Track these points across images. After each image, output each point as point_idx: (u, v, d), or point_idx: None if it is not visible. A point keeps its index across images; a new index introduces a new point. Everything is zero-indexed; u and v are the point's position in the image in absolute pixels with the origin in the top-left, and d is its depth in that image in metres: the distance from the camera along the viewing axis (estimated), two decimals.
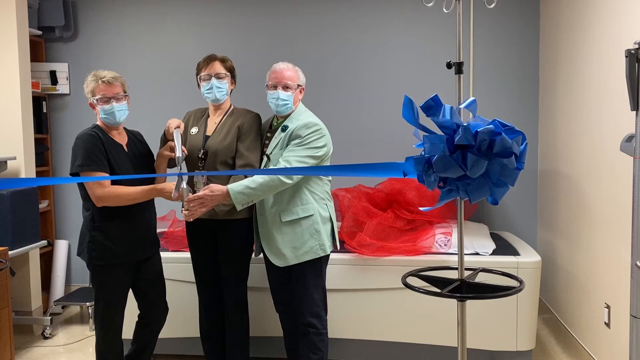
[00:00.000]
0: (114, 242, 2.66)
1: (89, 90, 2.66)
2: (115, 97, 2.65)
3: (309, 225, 2.78)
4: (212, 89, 2.85)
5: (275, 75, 2.80)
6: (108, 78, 2.65)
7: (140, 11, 4.65)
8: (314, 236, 2.79)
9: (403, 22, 4.42)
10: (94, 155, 2.59)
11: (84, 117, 4.59)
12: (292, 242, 2.77)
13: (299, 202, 2.77)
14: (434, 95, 2.03)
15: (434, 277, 2.38)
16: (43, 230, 4.49)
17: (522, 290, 2.23)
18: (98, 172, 2.58)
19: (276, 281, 2.96)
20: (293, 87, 2.79)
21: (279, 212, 2.77)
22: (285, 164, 2.65)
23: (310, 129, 2.73)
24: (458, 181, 2.10)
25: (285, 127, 2.79)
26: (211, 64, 2.86)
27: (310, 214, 2.79)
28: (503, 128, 2.03)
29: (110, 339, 2.75)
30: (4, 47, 4.06)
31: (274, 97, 2.78)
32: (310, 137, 2.72)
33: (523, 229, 4.41)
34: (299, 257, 2.77)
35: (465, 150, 2.03)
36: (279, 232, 2.77)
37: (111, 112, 2.65)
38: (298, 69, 2.85)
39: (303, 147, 2.70)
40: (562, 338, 3.74)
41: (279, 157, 2.73)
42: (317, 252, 2.80)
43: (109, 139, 2.69)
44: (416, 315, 3.31)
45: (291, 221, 2.77)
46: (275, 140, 2.81)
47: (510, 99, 4.37)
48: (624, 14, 2.80)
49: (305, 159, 2.69)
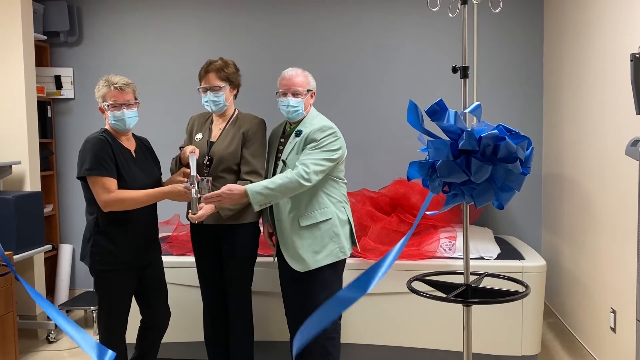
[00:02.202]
0: (117, 246, 2.66)
1: (100, 95, 2.66)
2: (126, 103, 2.66)
3: (328, 228, 2.78)
4: (209, 102, 2.87)
5: (284, 82, 2.80)
6: (120, 84, 2.65)
7: (144, 16, 4.67)
8: (333, 239, 2.78)
9: (408, 27, 4.42)
10: (103, 159, 2.58)
11: (88, 122, 4.60)
12: (312, 247, 2.76)
13: (316, 206, 2.77)
14: (438, 100, 2.03)
15: (439, 282, 2.37)
16: (48, 234, 4.50)
17: (528, 295, 2.22)
18: (106, 177, 2.58)
19: (290, 286, 2.93)
20: (303, 93, 2.78)
21: (298, 217, 2.76)
22: (302, 167, 2.65)
23: (325, 132, 2.74)
24: (462, 186, 2.10)
25: (299, 132, 2.79)
26: (207, 76, 2.85)
27: (329, 217, 2.78)
28: (508, 133, 2.03)
29: (114, 344, 2.75)
30: (10, 52, 4.08)
31: (284, 104, 2.79)
32: (325, 140, 2.72)
33: (528, 233, 4.40)
34: (319, 261, 2.76)
35: (470, 155, 2.02)
36: (298, 236, 2.76)
37: (121, 118, 2.65)
38: (308, 74, 2.85)
39: (319, 150, 2.70)
40: (568, 343, 3.72)
41: (296, 161, 2.72)
42: (337, 255, 2.80)
43: (118, 144, 2.68)
44: (421, 319, 3.30)
45: (310, 225, 2.76)
46: (290, 145, 2.80)
47: (515, 103, 4.37)
48: (628, 18, 2.80)
49: (322, 162, 2.69)
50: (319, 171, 2.68)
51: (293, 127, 2.84)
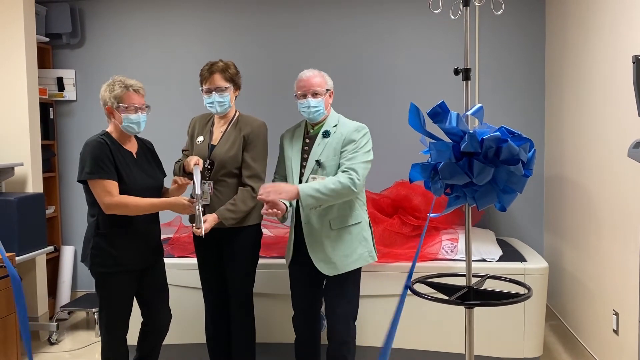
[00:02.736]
0: (117, 249, 2.66)
1: (114, 95, 2.63)
2: (142, 107, 2.68)
3: (358, 232, 2.77)
4: (214, 103, 2.85)
5: (302, 84, 2.76)
6: (137, 87, 2.67)
7: (146, 18, 4.68)
8: (362, 243, 2.77)
9: (410, 29, 4.42)
10: (102, 162, 2.59)
11: (90, 123, 4.61)
12: (343, 250, 2.73)
13: (348, 209, 2.75)
14: (440, 102, 2.03)
15: (441, 284, 2.37)
16: (50, 236, 4.51)
17: (530, 297, 2.22)
18: (106, 179, 2.58)
19: (306, 289, 2.88)
20: (322, 93, 2.75)
21: (330, 220, 2.73)
22: (353, 174, 2.62)
23: (360, 132, 2.74)
24: (465, 188, 2.10)
25: (327, 133, 2.76)
26: (211, 77, 2.83)
27: (359, 221, 2.78)
28: (510, 135, 2.03)
29: (115, 346, 2.75)
30: (12, 54, 4.08)
31: (305, 105, 2.75)
32: (362, 141, 2.72)
33: (530, 235, 4.39)
34: (349, 264, 2.74)
35: (472, 157, 2.02)
36: (328, 240, 2.73)
37: (137, 122, 2.67)
38: (324, 74, 2.82)
39: (362, 152, 2.70)
40: (570, 345, 3.71)
41: (334, 163, 2.70)
42: (366, 259, 2.79)
43: (118, 147, 2.68)
44: (423, 321, 3.30)
45: (341, 229, 2.74)
46: (320, 146, 2.76)
47: (517, 105, 4.36)
48: (630, 19, 2.79)
49: (366, 165, 2.70)
50: (365, 175, 2.69)
51: (317, 128, 2.81)
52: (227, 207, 2.79)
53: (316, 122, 2.81)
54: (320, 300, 2.93)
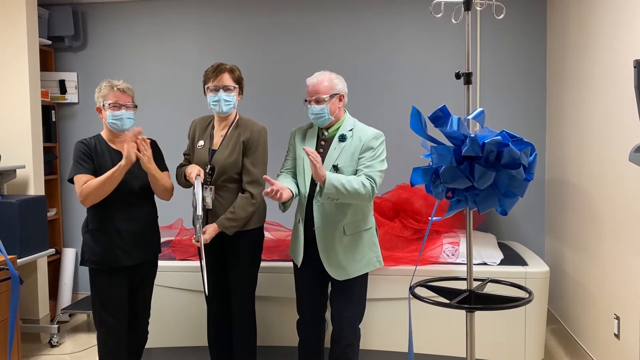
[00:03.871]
0: (100, 246, 2.73)
1: (101, 95, 2.74)
2: (125, 105, 2.75)
3: (369, 237, 2.79)
4: (220, 101, 2.82)
5: (308, 90, 2.76)
6: (122, 87, 2.76)
7: (148, 21, 4.69)
8: (371, 248, 2.79)
9: (411, 33, 4.43)
10: (80, 159, 2.70)
11: (92, 126, 4.60)
12: (354, 255, 2.74)
13: (361, 215, 2.75)
14: (442, 106, 2.04)
15: (442, 288, 2.37)
16: (51, 238, 4.51)
17: (531, 301, 2.22)
18: (81, 174, 2.67)
19: (311, 293, 2.86)
20: (325, 99, 2.71)
21: (343, 225, 2.72)
22: (370, 181, 2.63)
23: (379, 140, 2.74)
24: (466, 192, 2.10)
25: (343, 137, 2.75)
26: (220, 76, 2.82)
27: (370, 226, 2.79)
28: (511, 139, 2.04)
29: (109, 341, 2.80)
30: (15, 57, 4.10)
31: (310, 112, 2.75)
32: (380, 149, 2.72)
33: (531, 239, 4.39)
34: (360, 269, 2.75)
35: (473, 161, 2.03)
36: (341, 244, 2.72)
37: (120, 117, 2.73)
38: (334, 77, 2.77)
39: (378, 161, 2.70)
40: (571, 349, 3.71)
41: (351, 168, 2.69)
42: (374, 264, 2.80)
43: (106, 147, 2.76)
44: (424, 325, 3.30)
45: (354, 234, 2.74)
46: (336, 150, 2.73)
47: (518, 109, 4.37)
48: (632, 24, 2.80)
49: (382, 174, 2.71)
50: (380, 184, 2.70)
51: (333, 131, 2.79)
52: (227, 216, 2.79)
53: (328, 126, 2.79)
54: (325, 304, 2.93)
